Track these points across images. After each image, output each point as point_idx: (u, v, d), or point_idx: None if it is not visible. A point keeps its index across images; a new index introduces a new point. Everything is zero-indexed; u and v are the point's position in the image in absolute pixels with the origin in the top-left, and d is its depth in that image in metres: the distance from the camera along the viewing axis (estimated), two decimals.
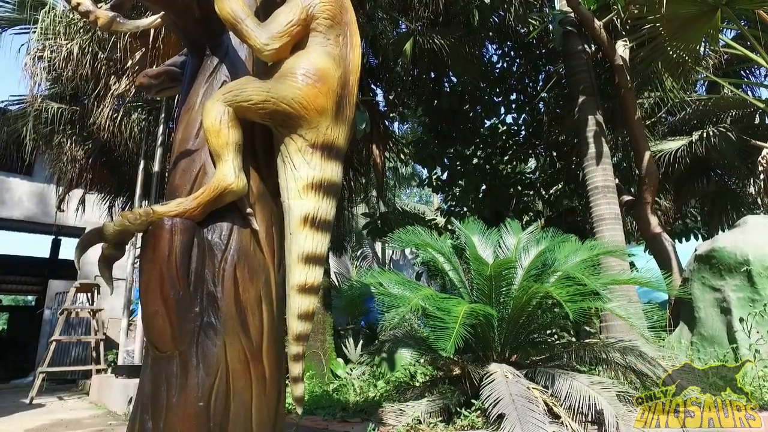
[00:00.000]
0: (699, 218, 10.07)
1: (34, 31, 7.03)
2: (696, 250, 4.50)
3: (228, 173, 1.60)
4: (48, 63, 7.16)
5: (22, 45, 7.74)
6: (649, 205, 5.66)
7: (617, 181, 6.02)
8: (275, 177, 1.77)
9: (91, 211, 10.11)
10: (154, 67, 2.32)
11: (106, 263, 1.72)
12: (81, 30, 6.72)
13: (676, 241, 9.65)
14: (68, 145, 8.58)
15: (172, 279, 1.57)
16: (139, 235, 1.65)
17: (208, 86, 1.86)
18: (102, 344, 8.28)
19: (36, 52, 7.26)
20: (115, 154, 8.23)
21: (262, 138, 1.82)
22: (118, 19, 1.62)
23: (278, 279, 1.80)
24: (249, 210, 1.69)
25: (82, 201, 9.68)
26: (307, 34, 1.70)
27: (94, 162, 8.76)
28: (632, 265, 8.41)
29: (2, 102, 9.15)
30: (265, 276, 1.72)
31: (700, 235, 9.63)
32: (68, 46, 6.88)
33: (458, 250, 3.81)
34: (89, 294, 8.78)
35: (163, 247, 1.58)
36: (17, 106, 8.81)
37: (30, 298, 22.10)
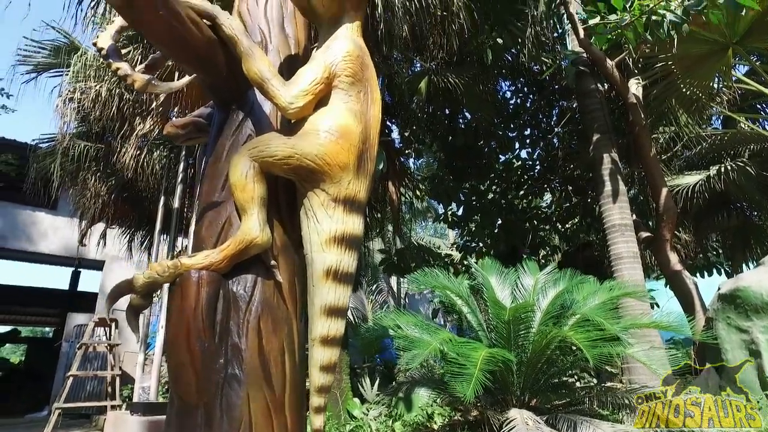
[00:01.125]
0: (721, 252, 9.87)
1: (67, 74, 7.38)
2: (719, 288, 4.41)
3: (253, 227, 1.65)
4: (77, 104, 7.48)
5: (55, 87, 8.12)
6: (668, 242, 5.59)
7: (634, 216, 5.98)
8: (298, 229, 1.81)
9: (111, 244, 10.33)
10: (178, 115, 2.43)
11: (134, 313, 1.77)
12: (109, 73, 7.04)
13: (698, 275, 9.45)
14: (92, 181, 8.85)
15: (198, 331, 1.61)
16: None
17: (234, 140, 1.94)
18: (118, 379, 8.30)
19: (67, 94, 7.60)
20: (137, 190, 8.46)
21: (285, 190, 1.88)
22: (153, 81, 1.72)
23: (301, 328, 1.83)
24: (273, 262, 1.73)
25: (104, 235, 9.91)
26: (329, 90, 1.78)
27: (116, 197, 9.00)
28: (653, 300, 8.25)
29: (33, 140, 9.53)
30: (288, 327, 1.75)
31: (723, 270, 9.42)
32: (97, 88, 7.18)
33: (475, 290, 3.80)
34: (107, 328, 8.86)
35: (190, 299, 1.63)
36: (47, 144, 9.18)
37: (48, 329, 22.32)
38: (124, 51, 5.07)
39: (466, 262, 8.59)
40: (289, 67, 2.09)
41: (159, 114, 6.23)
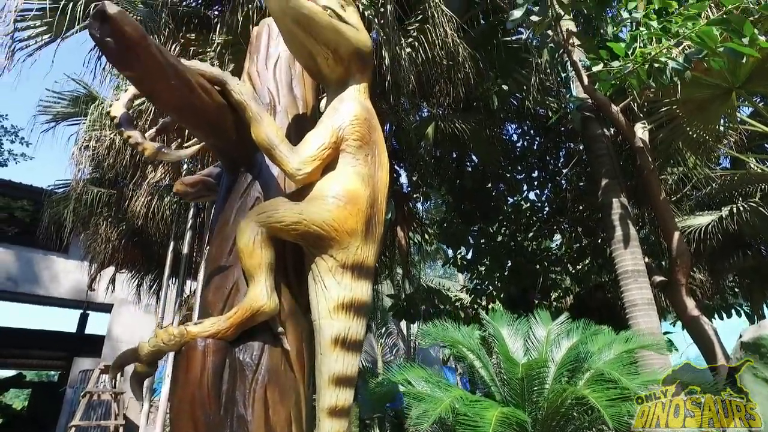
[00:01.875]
0: (738, 292, 9.64)
1: (84, 123, 7.60)
2: (741, 336, 4.25)
3: (261, 294, 1.63)
4: (92, 151, 7.66)
5: (71, 135, 8.35)
6: (683, 287, 5.46)
7: (646, 259, 5.88)
8: (306, 294, 1.79)
9: (120, 288, 10.35)
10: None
11: (138, 381, 1.73)
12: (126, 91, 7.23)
13: (716, 317, 9.20)
14: (104, 226, 8.96)
15: (203, 402, 1.57)
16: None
17: (242, 203, 1.95)
18: (122, 429, 8.11)
19: (83, 142, 7.79)
20: (147, 235, 8.52)
21: (293, 255, 1.87)
22: (163, 149, 1.75)
23: (308, 395, 1.77)
24: (280, 329, 1.70)
25: (113, 279, 9.94)
26: (337, 154, 1.80)
27: (126, 242, 9.07)
28: (670, 344, 8.00)
29: (49, 186, 9.75)
30: (296, 396, 1.70)
31: (742, 311, 9.17)
32: (111, 136, 7.36)
33: (487, 341, 3.71)
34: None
35: (195, 368, 1.59)
36: (62, 190, 9.38)
37: (54, 372, 22.08)
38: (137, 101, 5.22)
39: (476, 306, 8.46)
40: (298, 128, 2.12)
41: (169, 163, 6.34)
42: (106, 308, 13.61)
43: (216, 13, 5.84)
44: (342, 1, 1.99)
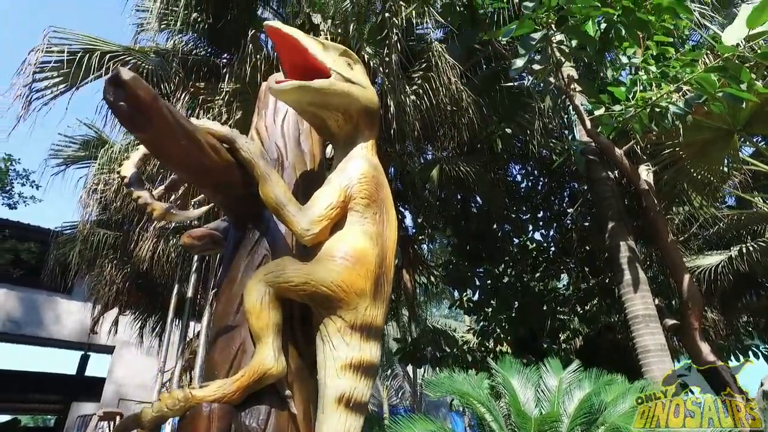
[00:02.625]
0: (754, 333, 9.41)
1: (94, 166, 7.72)
2: (762, 384, 4.13)
3: (268, 357, 1.60)
4: (100, 194, 7.75)
5: (80, 178, 8.49)
6: (697, 331, 5.34)
7: (657, 300, 5.79)
8: (313, 354, 1.75)
9: (122, 330, 10.25)
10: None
11: None
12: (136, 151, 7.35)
13: (732, 359, 8.95)
14: (109, 268, 8.97)
15: None
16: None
17: (249, 260, 1.94)
18: None
19: (92, 186, 7.89)
20: (151, 277, 8.50)
21: (300, 315, 1.84)
22: (171, 210, 1.76)
23: None
24: (288, 392, 1.66)
25: (116, 322, 9.86)
26: (345, 213, 1.80)
27: (130, 285, 9.05)
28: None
29: (56, 227, 9.82)
30: None
31: (760, 353, 8.92)
32: (119, 180, 7.44)
33: (496, 391, 3.61)
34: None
35: None
36: (69, 232, 9.44)
37: (51, 417, 21.55)
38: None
39: (483, 349, 8.29)
40: (305, 184, 2.14)
41: (178, 201, 6.39)
42: (108, 350, 13.45)
43: (225, 61, 6.03)
44: (348, 59, 2.04)
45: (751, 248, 7.00)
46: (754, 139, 6.71)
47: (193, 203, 2.03)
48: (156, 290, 9.17)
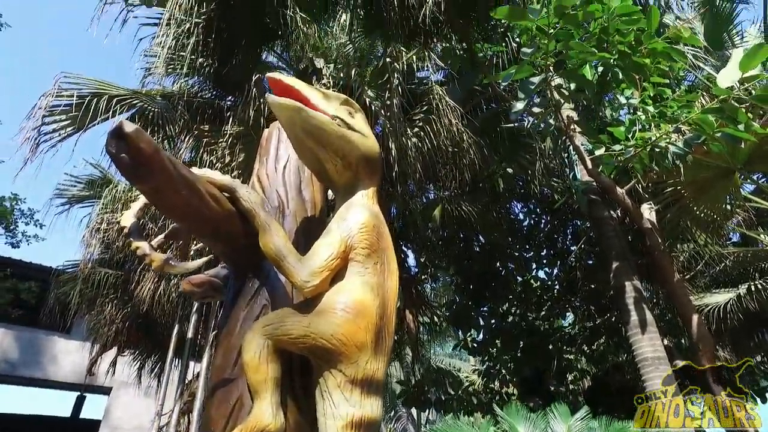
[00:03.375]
0: None
1: (97, 205, 7.76)
2: None
3: (266, 413, 1.55)
4: (102, 233, 7.75)
5: (84, 217, 8.53)
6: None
7: (665, 341, 5.67)
8: (312, 409, 1.69)
9: (120, 370, 10.06)
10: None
11: None
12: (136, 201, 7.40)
13: (749, 401, 8.67)
14: (109, 308, 8.89)
15: None
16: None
17: (249, 310, 1.91)
18: None
19: (95, 225, 7.91)
20: (151, 317, 8.41)
21: (300, 368, 1.79)
22: (171, 261, 1.75)
23: None
24: None
25: (114, 362, 9.69)
26: (346, 264, 1.78)
27: (130, 324, 8.95)
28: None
29: (58, 266, 9.79)
30: None
31: None
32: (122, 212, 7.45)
33: None
34: None
35: None
36: (70, 270, 9.40)
37: None
38: None
39: (489, 390, 8.08)
40: (306, 232, 2.13)
41: (178, 248, 6.39)
42: (105, 391, 13.16)
43: (229, 103, 6.15)
44: (350, 108, 2.07)
45: (759, 286, 6.90)
46: (755, 177, 6.74)
47: (192, 252, 2.02)
48: (156, 330, 9.05)
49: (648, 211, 5.68)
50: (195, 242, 4.41)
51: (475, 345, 8.54)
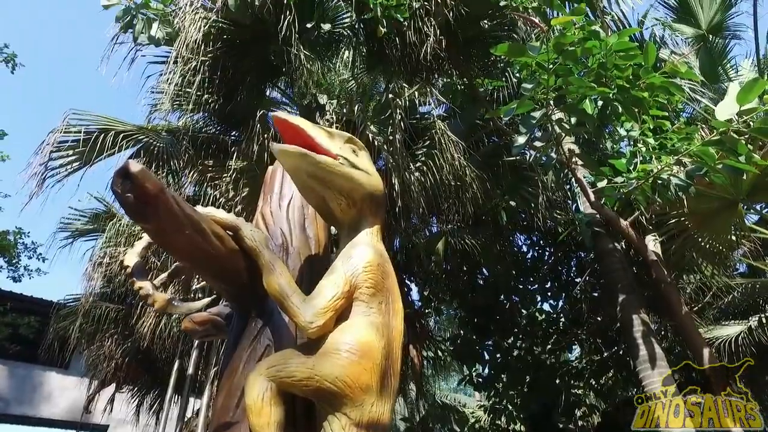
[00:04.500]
0: None
1: (101, 239, 7.75)
2: None
3: None
4: (105, 267, 7.72)
5: (87, 251, 8.52)
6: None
7: (676, 376, 5.54)
8: None
9: (118, 407, 9.85)
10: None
11: None
12: (139, 239, 7.40)
13: None
14: (108, 343, 8.78)
15: None
16: None
17: (252, 351, 1.88)
18: None
19: (97, 259, 7.89)
20: (151, 352, 8.29)
21: (303, 411, 1.75)
22: (173, 302, 1.73)
23: None
24: None
25: (112, 399, 9.50)
26: (350, 303, 1.75)
27: (130, 360, 8.81)
28: None
29: (59, 300, 9.71)
30: None
31: None
32: (126, 251, 7.42)
33: None
34: None
35: None
36: (71, 304, 9.32)
37: None
38: None
39: (496, 427, 7.86)
40: (310, 270, 2.11)
41: (181, 283, 6.36)
42: (102, 429, 12.83)
43: (233, 138, 6.23)
44: (354, 146, 2.08)
45: None
46: (759, 207, 6.72)
47: (195, 286, 2.00)
48: (156, 365, 8.91)
49: (652, 243, 5.65)
50: (198, 280, 4.41)
51: (481, 380, 8.37)
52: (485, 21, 5.28)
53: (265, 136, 4.93)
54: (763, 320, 6.81)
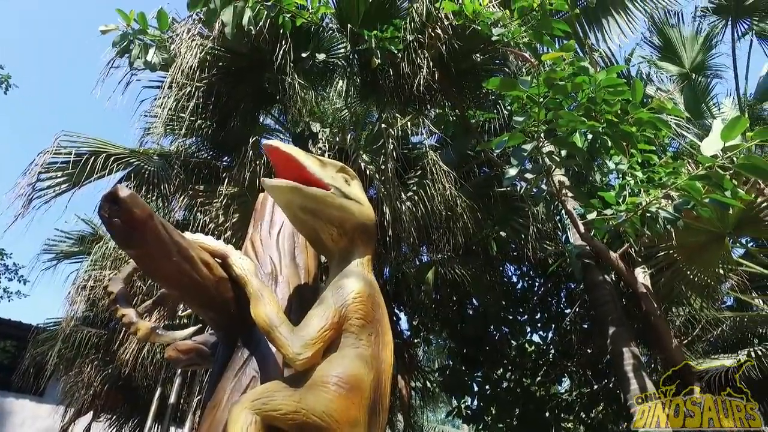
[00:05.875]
0: None
1: (86, 261, 7.61)
2: None
3: None
4: (88, 291, 7.55)
5: (71, 273, 8.35)
6: None
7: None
8: None
9: None
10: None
11: None
12: (125, 264, 7.28)
13: None
14: (88, 369, 8.52)
15: None
16: None
17: (236, 382, 1.82)
18: None
19: (81, 282, 7.72)
20: (132, 380, 8.05)
21: None
22: (157, 330, 1.68)
23: None
24: None
25: (87, 430, 9.15)
26: (339, 335, 1.72)
27: (109, 387, 8.54)
28: None
29: (38, 324, 9.44)
30: None
31: None
32: (111, 276, 7.27)
33: None
34: None
35: None
36: (52, 328, 9.06)
37: None
38: None
39: None
40: (299, 299, 2.08)
41: (166, 310, 6.24)
42: None
43: (225, 164, 6.22)
44: (346, 176, 2.08)
45: (759, 352, 6.77)
46: (745, 241, 6.82)
47: (181, 313, 1.95)
48: (137, 393, 8.64)
49: (642, 275, 5.67)
50: (184, 307, 4.32)
51: (469, 412, 8.21)
52: (477, 55, 5.41)
53: (257, 162, 4.94)
54: (752, 354, 6.80)
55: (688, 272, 5.94)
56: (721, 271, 6.30)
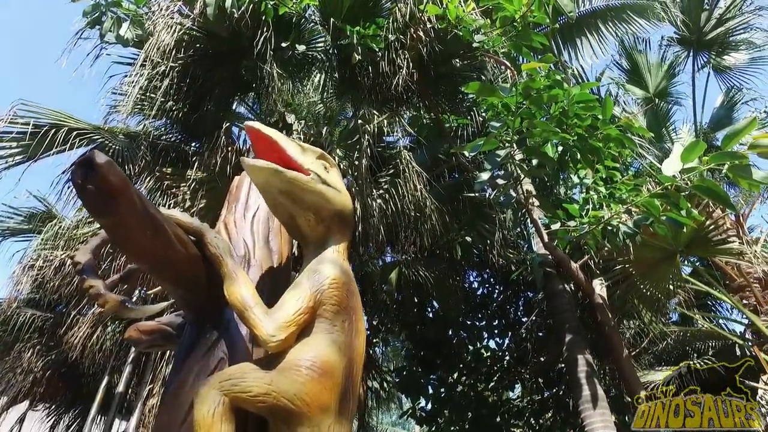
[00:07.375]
0: None
1: (35, 240, 7.22)
2: None
3: None
4: (36, 271, 7.17)
5: (17, 252, 7.92)
6: None
7: (614, 417, 5.71)
8: None
9: (29, 428, 9.03)
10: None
11: None
12: (83, 244, 6.96)
13: None
14: (29, 354, 8.10)
15: None
16: None
17: (204, 363, 1.77)
18: None
19: (29, 261, 7.32)
20: (78, 367, 7.70)
21: (255, 423, 1.65)
22: (126, 304, 1.62)
23: None
24: None
25: (21, 419, 8.69)
26: (313, 319, 1.70)
27: (51, 374, 8.14)
28: None
29: None
30: None
31: None
32: (63, 257, 6.95)
33: None
34: None
35: None
36: None
37: None
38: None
39: None
40: (271, 283, 2.05)
41: (123, 292, 6.00)
42: None
43: (194, 149, 6.06)
44: (325, 163, 2.08)
45: (698, 365, 7.14)
46: (693, 260, 7.19)
47: (149, 295, 1.89)
48: (80, 381, 8.26)
49: (599, 287, 5.88)
50: (154, 286, 4.17)
51: (423, 414, 8.29)
52: (457, 60, 5.49)
53: (229, 149, 4.84)
54: (691, 367, 7.17)
55: (642, 286, 6.21)
56: (671, 287, 6.63)
